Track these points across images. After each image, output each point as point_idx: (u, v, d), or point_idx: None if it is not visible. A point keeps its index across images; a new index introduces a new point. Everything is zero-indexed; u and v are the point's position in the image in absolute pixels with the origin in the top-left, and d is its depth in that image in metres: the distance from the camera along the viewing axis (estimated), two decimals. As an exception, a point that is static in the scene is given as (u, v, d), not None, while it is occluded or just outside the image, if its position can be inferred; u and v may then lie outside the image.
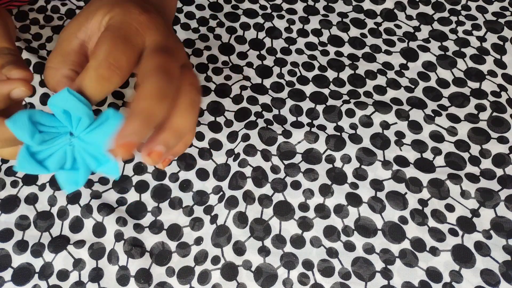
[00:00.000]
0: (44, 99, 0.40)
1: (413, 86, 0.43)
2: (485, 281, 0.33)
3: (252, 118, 0.40)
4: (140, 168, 0.38)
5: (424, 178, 0.37)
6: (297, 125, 0.40)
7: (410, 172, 0.37)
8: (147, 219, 0.36)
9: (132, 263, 0.33)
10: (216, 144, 0.39)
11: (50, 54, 0.30)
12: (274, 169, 0.38)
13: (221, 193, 0.37)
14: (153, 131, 0.27)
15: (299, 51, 0.45)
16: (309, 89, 0.42)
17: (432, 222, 0.35)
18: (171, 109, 0.27)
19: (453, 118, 0.40)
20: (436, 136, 0.39)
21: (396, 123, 0.40)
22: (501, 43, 0.45)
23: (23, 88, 0.27)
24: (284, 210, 0.36)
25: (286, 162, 0.38)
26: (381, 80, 0.43)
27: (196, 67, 0.43)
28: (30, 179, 0.37)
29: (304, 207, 0.36)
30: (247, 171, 0.37)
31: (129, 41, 0.27)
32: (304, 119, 0.40)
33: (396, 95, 0.42)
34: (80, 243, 0.34)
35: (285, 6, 0.49)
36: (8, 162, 0.38)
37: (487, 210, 0.36)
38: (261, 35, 0.46)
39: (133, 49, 0.27)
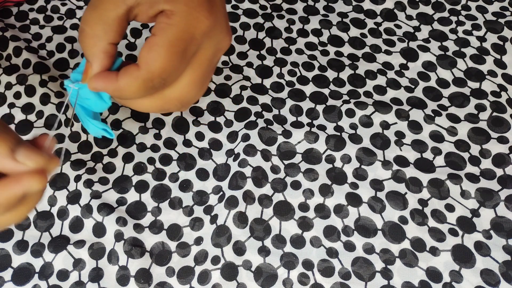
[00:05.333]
0: (44, 99, 0.40)
1: (413, 86, 0.43)
2: (485, 281, 0.33)
3: (252, 118, 0.40)
4: (140, 168, 0.38)
5: (424, 178, 0.37)
6: (297, 125, 0.40)
7: (410, 172, 0.37)
8: (147, 219, 0.36)
9: (132, 263, 0.33)
10: (216, 144, 0.39)
11: (88, 12, 0.27)
12: (274, 169, 0.38)
13: (221, 193, 0.37)
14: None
15: (299, 51, 0.45)
16: (309, 89, 0.42)
17: (432, 222, 0.35)
18: None
19: (453, 118, 0.40)
20: (436, 136, 0.39)
21: (396, 123, 0.40)
22: (501, 43, 0.45)
23: (37, 182, 0.23)
24: (284, 210, 0.36)
25: (286, 162, 0.38)
26: (381, 80, 0.43)
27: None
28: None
29: (304, 207, 0.36)
30: (247, 171, 0.37)
31: (185, 56, 0.26)
32: (304, 119, 0.40)
33: (396, 95, 0.42)
34: (80, 243, 0.34)
35: (285, 6, 0.48)
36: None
37: (487, 210, 0.36)
38: (261, 35, 0.46)
39: (186, 62, 0.26)
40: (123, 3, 0.26)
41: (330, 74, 0.43)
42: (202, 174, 0.38)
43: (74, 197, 0.36)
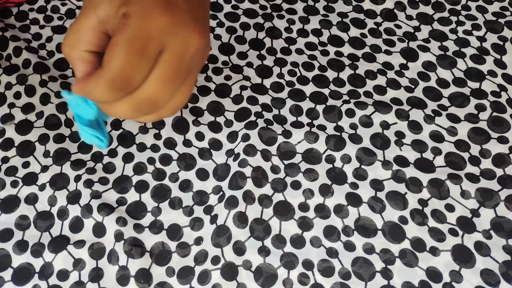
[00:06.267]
0: (44, 99, 0.40)
1: (413, 86, 0.43)
2: (485, 281, 0.33)
3: (252, 118, 0.40)
4: (140, 168, 0.38)
5: (424, 178, 0.37)
6: (297, 125, 0.40)
7: (410, 172, 0.37)
8: (147, 219, 0.36)
9: (132, 263, 0.33)
10: (216, 144, 0.39)
11: (70, 26, 0.29)
12: (274, 169, 0.38)
13: (221, 193, 0.37)
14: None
15: (299, 51, 0.45)
16: (309, 89, 0.42)
17: (432, 222, 0.35)
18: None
19: (453, 118, 0.40)
20: (436, 136, 0.39)
21: (396, 123, 0.40)
22: (501, 43, 0.45)
23: None
24: (284, 210, 0.36)
25: (286, 162, 0.38)
26: (381, 80, 0.43)
27: (196, 67, 0.43)
28: (30, 179, 0.37)
29: (304, 207, 0.36)
30: (247, 171, 0.37)
31: (145, 54, 0.26)
32: (304, 119, 0.40)
33: (396, 95, 0.42)
34: (80, 243, 0.34)
35: (285, 6, 0.49)
36: (8, 162, 0.38)
37: (487, 210, 0.36)
38: (261, 35, 0.46)
39: (148, 61, 0.26)
40: (94, 14, 0.27)
41: (330, 74, 0.43)
42: (202, 174, 0.38)
43: (74, 197, 0.36)
